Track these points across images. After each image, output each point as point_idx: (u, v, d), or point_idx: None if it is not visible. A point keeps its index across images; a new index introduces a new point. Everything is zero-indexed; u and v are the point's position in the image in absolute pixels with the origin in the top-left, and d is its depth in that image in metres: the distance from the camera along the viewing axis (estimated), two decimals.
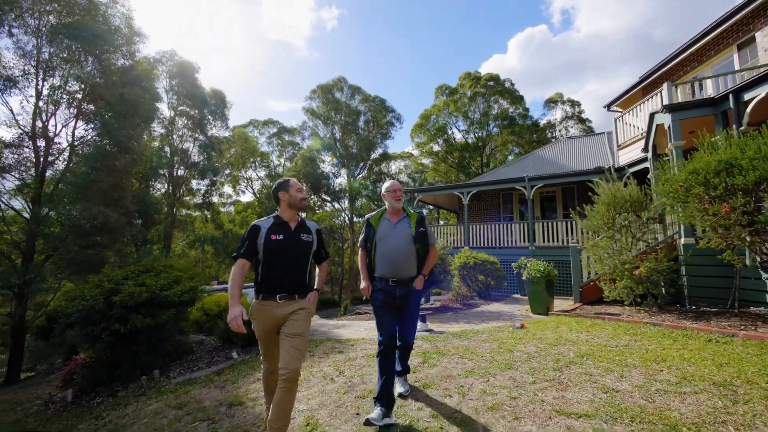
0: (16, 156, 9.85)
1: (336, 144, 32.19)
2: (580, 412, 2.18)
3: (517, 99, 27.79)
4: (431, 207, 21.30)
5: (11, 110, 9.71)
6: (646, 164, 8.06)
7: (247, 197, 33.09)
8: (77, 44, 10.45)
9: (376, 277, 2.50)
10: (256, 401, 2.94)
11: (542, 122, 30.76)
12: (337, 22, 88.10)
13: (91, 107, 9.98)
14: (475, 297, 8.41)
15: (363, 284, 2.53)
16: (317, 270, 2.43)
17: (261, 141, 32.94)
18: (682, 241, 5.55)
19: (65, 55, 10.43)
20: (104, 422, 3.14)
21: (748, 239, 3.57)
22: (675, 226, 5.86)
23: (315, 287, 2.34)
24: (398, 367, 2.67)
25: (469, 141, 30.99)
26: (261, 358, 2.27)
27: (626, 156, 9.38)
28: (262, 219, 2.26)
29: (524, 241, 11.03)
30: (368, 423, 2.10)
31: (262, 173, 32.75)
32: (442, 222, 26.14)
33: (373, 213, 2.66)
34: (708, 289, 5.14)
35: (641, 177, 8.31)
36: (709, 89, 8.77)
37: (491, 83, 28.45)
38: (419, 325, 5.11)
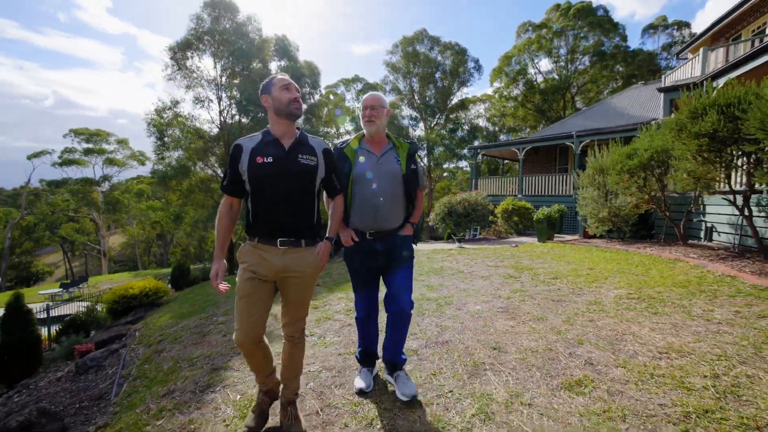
0: (215, 142, 16.13)
1: (414, 96, 34.44)
2: (498, 266, 5.70)
3: (609, 29, 25.16)
4: (498, 160, 22.93)
5: (209, 114, 15.92)
6: None
7: None
8: (234, 61, 15.49)
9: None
10: None
11: (647, 50, 27.20)
12: None
13: (250, 108, 15.26)
14: (512, 233, 11.47)
15: (342, 234, 1.93)
16: (330, 208, 1.84)
17: (348, 98, 37.28)
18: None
19: (229, 71, 15.69)
20: None
21: (640, 196, 6.04)
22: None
23: (327, 235, 1.79)
24: (387, 355, 2.01)
25: (553, 80, 29.64)
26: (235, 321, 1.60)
27: None
28: (247, 136, 1.65)
29: (570, 191, 13.06)
30: (362, 392, 1.93)
31: (350, 127, 37.53)
32: (518, 167, 27.35)
33: (346, 140, 1.97)
34: (661, 228, 7.45)
35: None
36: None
37: (581, 14, 26.05)
38: (455, 245, 8.72)
